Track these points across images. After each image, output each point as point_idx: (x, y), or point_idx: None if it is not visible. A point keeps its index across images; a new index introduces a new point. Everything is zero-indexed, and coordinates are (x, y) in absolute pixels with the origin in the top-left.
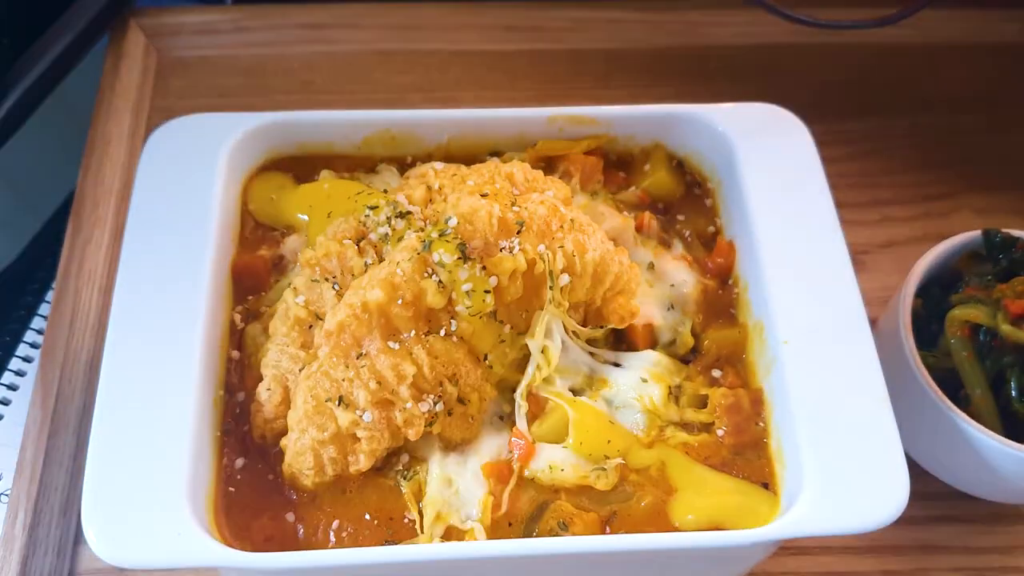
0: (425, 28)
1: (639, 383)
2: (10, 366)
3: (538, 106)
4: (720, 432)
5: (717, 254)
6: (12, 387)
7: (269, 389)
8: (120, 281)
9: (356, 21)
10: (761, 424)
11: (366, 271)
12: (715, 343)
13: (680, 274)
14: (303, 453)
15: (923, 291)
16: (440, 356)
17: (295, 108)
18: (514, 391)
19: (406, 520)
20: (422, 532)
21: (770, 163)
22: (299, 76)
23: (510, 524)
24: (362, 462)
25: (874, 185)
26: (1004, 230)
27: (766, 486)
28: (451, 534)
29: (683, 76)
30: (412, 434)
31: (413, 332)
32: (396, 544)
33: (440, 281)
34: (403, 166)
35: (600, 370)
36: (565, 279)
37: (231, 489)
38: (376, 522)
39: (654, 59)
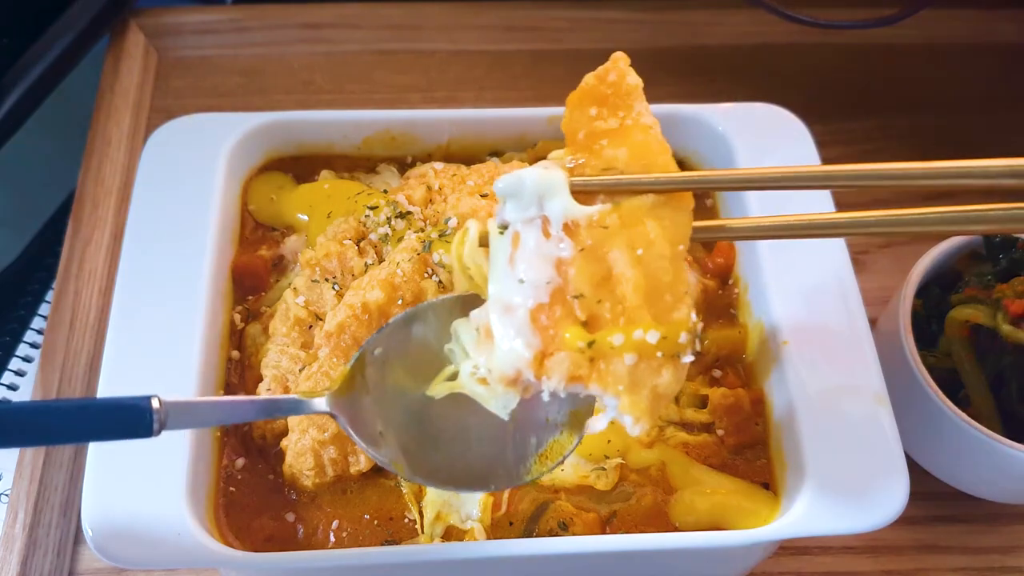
0: (425, 28)
1: None
2: (10, 366)
3: (538, 106)
4: (720, 432)
5: (717, 254)
6: (12, 387)
7: (269, 389)
8: (120, 281)
9: (356, 21)
10: (761, 424)
11: (366, 271)
12: (715, 343)
13: None
14: (303, 454)
15: (923, 291)
16: None
17: (295, 108)
18: None
19: (406, 520)
20: (422, 532)
21: (770, 163)
22: (299, 76)
23: (511, 524)
24: (363, 463)
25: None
26: None
27: (766, 486)
28: (451, 534)
29: (683, 76)
30: None
31: None
32: (396, 544)
33: (440, 282)
34: (403, 166)
35: None
36: None
37: (231, 489)
38: (376, 522)
39: (654, 59)
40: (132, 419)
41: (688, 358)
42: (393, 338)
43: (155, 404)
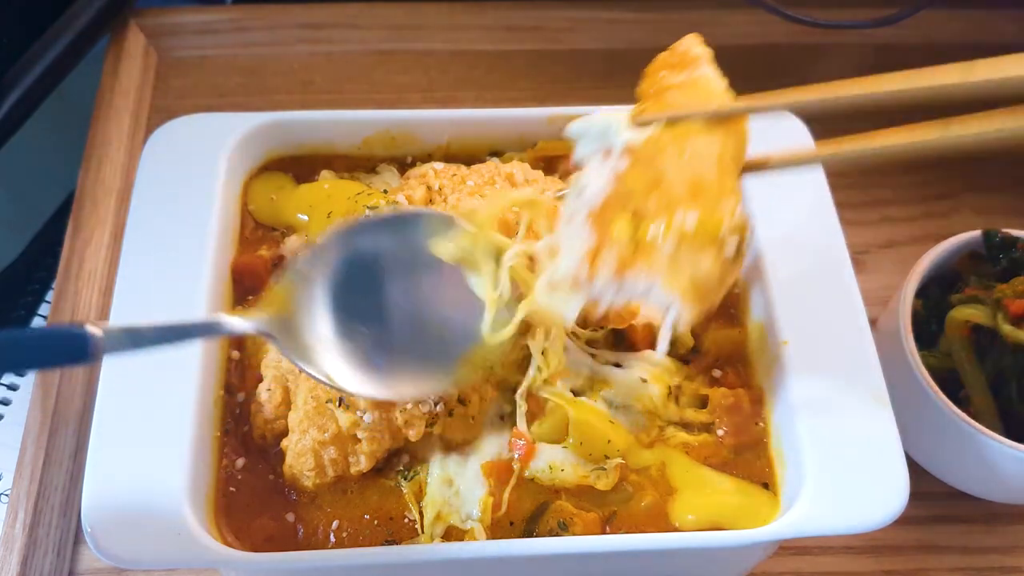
0: (425, 28)
1: (639, 383)
2: None
3: (538, 106)
4: (720, 432)
5: None
6: (12, 387)
7: (269, 389)
8: (120, 281)
9: (356, 21)
10: (761, 424)
11: None
12: (715, 343)
13: None
14: (304, 454)
15: (923, 291)
16: None
17: (295, 108)
18: (515, 391)
19: (406, 520)
20: (422, 532)
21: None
22: (299, 76)
23: (511, 524)
24: (363, 463)
25: (874, 185)
26: (1004, 230)
27: (766, 486)
28: (451, 534)
29: None
30: (412, 435)
31: None
32: (396, 544)
33: None
34: (403, 166)
35: (600, 371)
36: None
37: (231, 489)
38: (376, 522)
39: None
40: (70, 345)
41: (731, 249)
42: (325, 257)
43: (91, 329)
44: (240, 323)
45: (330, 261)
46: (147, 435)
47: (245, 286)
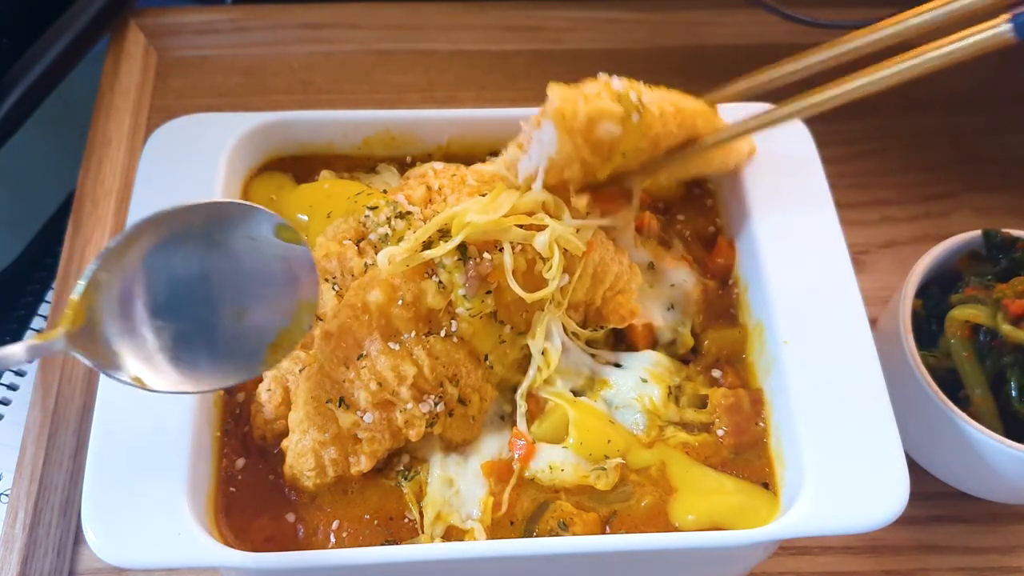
0: (425, 28)
1: (639, 383)
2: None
3: (538, 106)
4: (720, 432)
5: (717, 254)
6: (12, 387)
7: (269, 390)
8: None
9: (355, 21)
10: (761, 424)
11: (366, 272)
12: (715, 343)
13: (680, 274)
14: (304, 455)
15: (923, 291)
16: (440, 357)
17: (295, 108)
18: (515, 391)
19: (406, 520)
20: (422, 532)
21: (770, 163)
22: (299, 76)
23: (512, 524)
24: (363, 463)
25: (874, 185)
26: (1004, 230)
27: (766, 486)
28: (451, 534)
29: (683, 76)
30: (413, 435)
31: (413, 333)
32: (396, 544)
33: (440, 282)
34: (403, 166)
35: (600, 371)
36: (565, 279)
37: (231, 489)
38: (376, 522)
39: (654, 59)
40: None
41: (619, 84)
42: (121, 260)
43: None
44: (22, 350)
45: (127, 262)
46: (147, 435)
47: None
